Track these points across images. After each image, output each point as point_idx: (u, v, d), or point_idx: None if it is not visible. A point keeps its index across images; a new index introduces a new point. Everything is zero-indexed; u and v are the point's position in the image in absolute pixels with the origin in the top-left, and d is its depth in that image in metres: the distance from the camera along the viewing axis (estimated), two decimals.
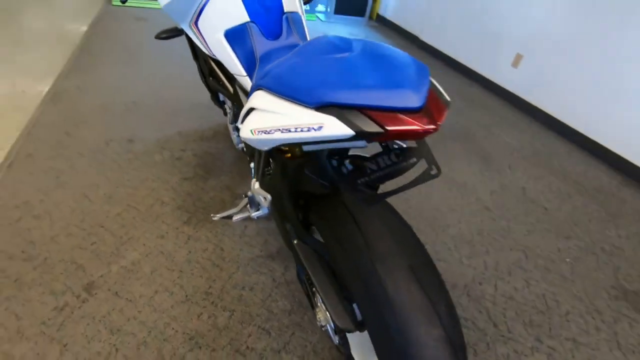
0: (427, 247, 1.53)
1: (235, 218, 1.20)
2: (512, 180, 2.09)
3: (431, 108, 0.51)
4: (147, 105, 2.18)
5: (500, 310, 1.32)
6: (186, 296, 1.17)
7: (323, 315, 0.87)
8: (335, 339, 0.95)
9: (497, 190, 1.97)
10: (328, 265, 0.83)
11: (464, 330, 1.23)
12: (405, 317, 0.61)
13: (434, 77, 2.66)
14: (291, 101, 0.56)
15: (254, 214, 1.14)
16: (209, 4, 0.93)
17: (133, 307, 1.12)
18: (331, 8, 4.87)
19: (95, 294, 1.14)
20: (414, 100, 0.49)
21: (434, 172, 0.63)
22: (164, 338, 1.05)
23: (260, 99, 0.63)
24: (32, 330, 1.01)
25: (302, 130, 0.53)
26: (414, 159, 0.69)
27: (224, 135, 2.01)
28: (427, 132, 0.49)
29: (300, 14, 1.04)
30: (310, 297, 0.97)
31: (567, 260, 1.59)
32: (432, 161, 0.63)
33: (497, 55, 3.19)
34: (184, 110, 2.18)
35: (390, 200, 1.75)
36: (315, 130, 0.52)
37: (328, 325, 0.87)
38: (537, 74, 2.85)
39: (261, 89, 0.64)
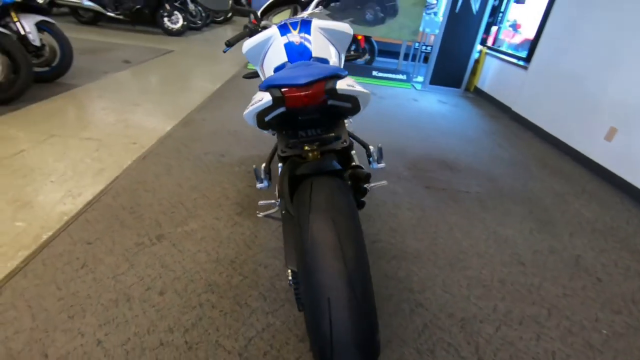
0: (437, 279, 1.59)
1: (260, 214, 1.55)
2: (567, 247, 1.94)
3: (314, 86, 0.79)
4: (243, 133, 2.82)
5: (492, 349, 1.29)
6: (217, 259, 1.53)
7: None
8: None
9: (542, 251, 1.88)
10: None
11: (443, 354, 1.25)
12: (316, 251, 0.82)
13: (520, 147, 2.72)
14: (260, 90, 0.91)
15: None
16: (268, 51, 1.39)
17: (181, 256, 1.52)
18: (428, 78, 5.27)
19: (162, 242, 1.59)
20: (301, 81, 0.78)
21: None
22: (192, 279, 1.40)
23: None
24: (117, 251, 1.49)
25: (258, 102, 0.87)
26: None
27: None
28: (301, 95, 0.77)
29: (332, 60, 1.39)
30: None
31: (604, 331, 1.43)
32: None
33: (589, 127, 3.02)
34: (269, 139, 2.74)
35: (414, 233, 1.87)
36: (260, 101, 0.85)
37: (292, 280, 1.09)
38: (632, 149, 2.60)
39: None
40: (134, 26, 7.10)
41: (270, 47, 1.37)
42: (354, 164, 1.41)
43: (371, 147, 1.19)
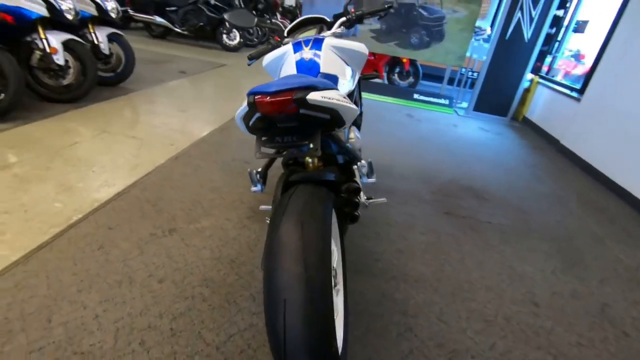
0: (435, 306, 1.52)
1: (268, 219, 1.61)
2: (594, 293, 1.77)
3: (281, 95, 0.83)
4: None
5: None
6: (219, 257, 1.60)
7: None
8: None
9: (562, 294, 1.73)
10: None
11: None
12: (279, 251, 0.85)
13: (562, 182, 2.59)
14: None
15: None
16: (283, 65, 1.48)
17: (186, 250, 1.62)
18: (472, 105, 5.12)
19: (172, 235, 1.70)
20: (272, 89, 0.83)
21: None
22: (191, 272, 1.49)
23: None
24: (132, 239, 1.63)
25: (241, 107, 0.93)
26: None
27: None
28: (268, 101, 0.83)
29: (341, 77, 1.43)
30: None
31: None
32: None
33: None
34: None
35: (422, 257, 1.82)
36: (242, 106, 0.91)
37: None
38: None
39: None
40: (197, 41, 7.75)
41: (285, 61, 1.46)
42: (355, 178, 1.43)
43: (363, 161, 1.21)
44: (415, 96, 5.30)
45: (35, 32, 2.80)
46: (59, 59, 2.88)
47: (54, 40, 2.85)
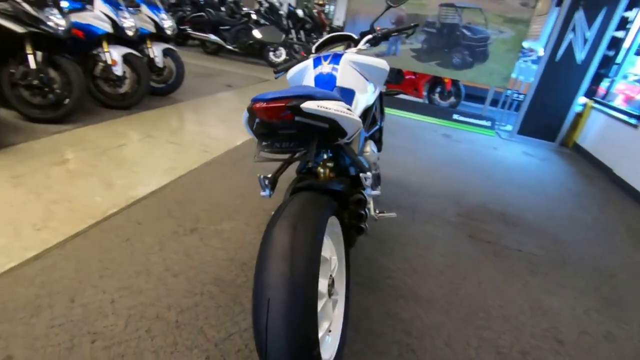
0: (443, 329, 1.46)
1: None
2: (633, 337, 1.59)
3: (275, 102, 0.87)
4: None
5: None
6: (233, 259, 1.67)
7: None
8: None
9: (593, 335, 1.57)
10: None
11: None
12: (268, 251, 0.88)
13: (610, 214, 2.52)
14: None
15: None
16: (303, 79, 1.54)
17: (204, 249, 1.70)
18: (516, 128, 4.88)
19: (193, 234, 1.80)
20: (269, 97, 0.87)
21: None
22: (204, 270, 1.56)
23: None
24: (156, 234, 1.75)
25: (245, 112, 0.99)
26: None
27: None
28: (264, 107, 0.87)
29: (358, 90, 1.45)
30: None
31: None
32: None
33: None
34: None
35: (437, 278, 1.77)
36: (245, 112, 0.96)
37: None
38: None
39: None
40: (246, 58, 8.21)
41: (305, 75, 1.52)
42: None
43: (368, 173, 1.21)
44: (455, 116, 5.17)
45: (100, 46, 3.15)
46: (118, 70, 3.21)
47: (115, 53, 3.19)
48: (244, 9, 8.17)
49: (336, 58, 1.47)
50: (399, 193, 2.65)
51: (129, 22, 3.25)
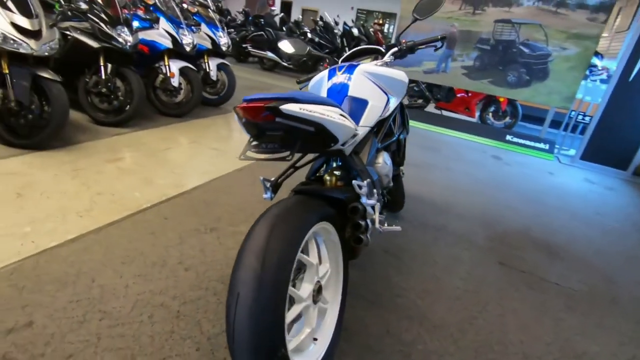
0: (447, 359, 1.35)
1: None
2: None
3: (255, 103, 0.88)
4: None
5: None
6: None
7: None
8: None
9: None
10: None
11: None
12: (244, 247, 0.91)
13: None
14: None
15: None
16: (321, 89, 1.57)
17: (219, 247, 1.78)
18: (579, 153, 4.43)
19: (212, 233, 1.90)
20: (253, 98, 0.89)
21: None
22: (213, 267, 1.63)
23: None
24: (178, 230, 1.87)
25: None
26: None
27: None
28: (242, 107, 0.90)
29: (372, 101, 1.44)
30: None
31: None
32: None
33: None
34: None
35: (451, 303, 1.67)
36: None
37: None
38: None
39: None
40: (300, 74, 8.54)
41: (322, 85, 1.56)
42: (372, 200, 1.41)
43: (366, 181, 1.18)
44: (508, 137, 4.84)
45: (162, 60, 3.51)
46: (175, 81, 3.55)
47: (174, 66, 3.53)
48: (305, 28, 8.56)
49: (350, 69, 1.49)
50: (428, 211, 2.54)
51: (187, 39, 3.59)
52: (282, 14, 11.24)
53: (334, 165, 1.44)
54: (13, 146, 2.48)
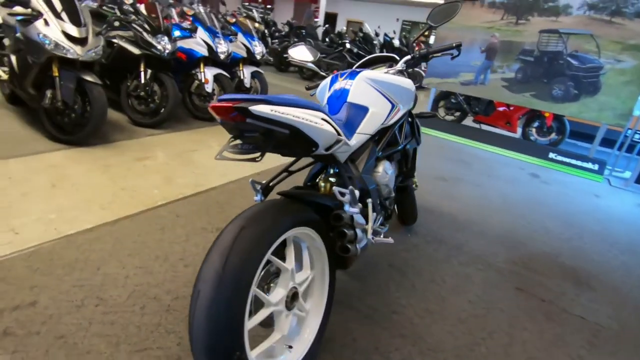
0: None
1: None
2: None
3: (225, 102, 0.88)
4: None
5: None
6: None
7: None
8: None
9: None
10: None
11: None
12: (213, 246, 0.92)
13: None
14: None
15: None
16: (324, 95, 1.56)
17: None
18: (634, 176, 4.00)
19: (218, 232, 1.94)
20: (225, 97, 0.89)
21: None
22: None
23: None
24: (187, 228, 1.93)
25: None
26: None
27: None
28: (213, 106, 0.90)
29: (372, 107, 1.39)
30: None
31: None
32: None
33: None
34: None
35: (453, 326, 1.57)
36: None
37: None
38: None
39: None
40: None
41: (325, 92, 1.55)
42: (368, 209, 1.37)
43: (349, 189, 1.14)
44: (552, 155, 4.49)
45: (198, 67, 3.71)
46: (209, 87, 3.72)
47: (209, 73, 3.72)
48: (346, 39, 8.65)
49: (352, 75, 1.47)
50: (447, 226, 2.41)
51: (222, 48, 3.77)
52: (326, 25, 11.46)
53: (331, 172, 1.42)
54: (59, 141, 2.73)
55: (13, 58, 2.70)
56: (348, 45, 7.74)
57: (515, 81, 4.52)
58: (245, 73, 4.27)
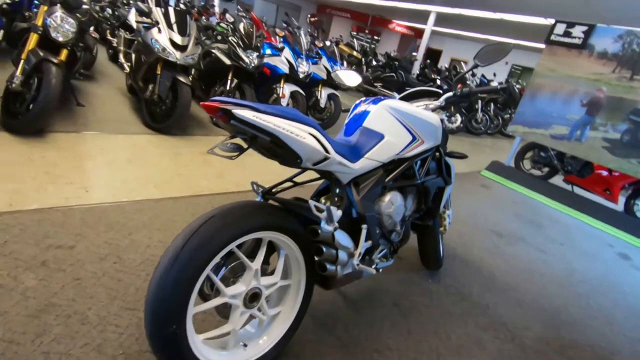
0: None
1: None
2: None
3: (211, 104, 0.96)
4: None
5: None
6: None
7: None
8: None
9: None
10: None
11: None
12: (185, 228, 1.02)
13: None
14: None
15: None
16: (349, 118, 1.59)
17: None
18: None
19: None
20: (217, 99, 0.98)
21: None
22: None
23: None
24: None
25: None
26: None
27: None
28: (203, 104, 0.99)
29: (387, 134, 1.36)
30: None
31: None
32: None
33: None
34: None
35: None
36: None
37: None
38: None
39: None
40: None
41: (349, 114, 1.60)
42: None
43: (326, 206, 1.13)
44: None
45: (278, 83, 4.06)
46: (284, 102, 4.03)
47: (287, 89, 4.04)
48: (439, 76, 8.50)
49: (375, 101, 1.48)
50: (477, 283, 2.17)
51: (303, 68, 4.07)
52: (427, 60, 11.40)
53: (337, 190, 1.45)
54: (149, 127, 3.25)
55: (133, 56, 3.34)
56: (439, 82, 7.58)
57: (620, 144, 3.89)
58: (323, 94, 4.51)
